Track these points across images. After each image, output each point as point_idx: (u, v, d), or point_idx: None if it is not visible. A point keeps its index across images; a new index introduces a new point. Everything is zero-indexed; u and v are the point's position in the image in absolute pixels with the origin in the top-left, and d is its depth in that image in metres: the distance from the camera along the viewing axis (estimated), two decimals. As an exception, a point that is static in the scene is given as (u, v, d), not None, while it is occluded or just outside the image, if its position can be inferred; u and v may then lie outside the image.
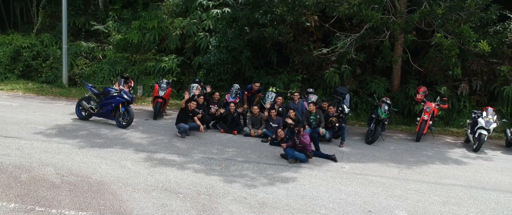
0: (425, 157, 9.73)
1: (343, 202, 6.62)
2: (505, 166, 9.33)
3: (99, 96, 10.80)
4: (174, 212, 5.92)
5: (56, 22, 19.72)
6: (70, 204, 6.02)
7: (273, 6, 14.01)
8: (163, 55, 16.66)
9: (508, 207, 6.83)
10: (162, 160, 8.20)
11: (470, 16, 12.78)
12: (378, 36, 13.58)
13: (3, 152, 7.99)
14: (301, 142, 8.44)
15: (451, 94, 14.82)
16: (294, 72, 15.78)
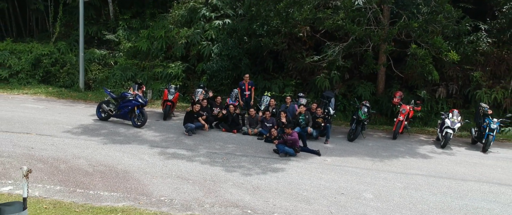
0: (397, 152, 11.22)
1: (321, 187, 8.11)
2: (464, 159, 10.81)
3: (116, 100, 12.31)
4: (185, 194, 7.42)
5: (70, 31, 21.23)
6: (103, 187, 7.53)
7: (269, 18, 15.48)
8: (170, 62, 18.15)
9: (455, 191, 8.31)
10: (173, 154, 9.71)
11: (444, 28, 14.28)
12: (363, 45, 15.07)
13: (42, 147, 9.51)
14: (290, 139, 9.94)
15: (430, 98, 16.30)
16: (289, 78, 17.25)
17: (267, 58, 17.17)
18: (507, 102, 15.83)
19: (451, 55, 13.69)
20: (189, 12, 19.11)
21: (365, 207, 7.24)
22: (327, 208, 7.11)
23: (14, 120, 11.83)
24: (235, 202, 7.17)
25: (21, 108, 13.68)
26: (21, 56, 18.59)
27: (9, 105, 13.98)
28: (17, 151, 9.16)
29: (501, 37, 16.00)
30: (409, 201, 7.63)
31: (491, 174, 9.66)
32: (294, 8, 13.43)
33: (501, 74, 16.32)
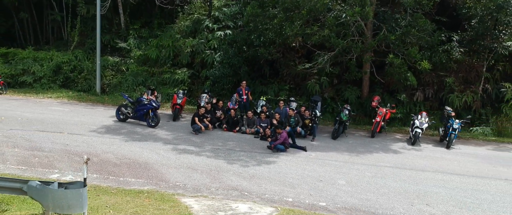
0: (372, 148, 13.06)
1: (305, 175, 9.95)
2: (428, 154, 12.65)
3: (134, 104, 14.16)
4: (195, 180, 9.26)
5: (85, 40, 23.08)
6: (130, 175, 9.37)
7: (264, 32, 17.29)
8: (177, 69, 19.99)
9: (413, 179, 10.13)
10: (183, 149, 11.56)
11: (419, 40, 16.12)
12: (348, 55, 16.89)
13: (75, 144, 11.36)
14: (281, 137, 11.78)
15: (409, 101, 18.13)
16: (283, 83, 19.08)
17: (264, 66, 19.00)
18: (476, 104, 17.67)
19: (424, 64, 15.50)
20: (194, 23, 20.98)
21: (338, 191, 9.08)
22: (307, 191, 8.95)
23: (47, 121, 13.68)
24: (235, 186, 9.01)
25: (49, 110, 15.54)
26: (43, 63, 20.44)
27: (39, 108, 15.83)
28: (56, 147, 11.01)
29: (472, 47, 17.81)
30: (374, 186, 9.47)
31: (447, 166, 11.50)
32: (286, 24, 15.25)
33: (472, 80, 18.13)
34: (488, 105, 17.84)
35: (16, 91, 18.92)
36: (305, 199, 8.56)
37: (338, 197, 8.73)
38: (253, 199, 8.36)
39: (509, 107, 17.06)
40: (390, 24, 16.81)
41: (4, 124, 12.99)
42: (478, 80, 17.93)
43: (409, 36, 15.84)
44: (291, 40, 17.39)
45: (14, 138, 11.52)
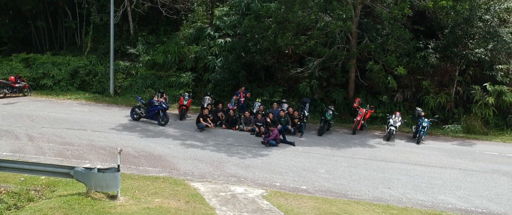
0: (352, 143, 14.99)
1: (291, 165, 11.88)
2: (399, 149, 14.58)
3: (146, 105, 16.08)
4: (201, 169, 11.18)
5: (97, 45, 24.97)
6: (147, 165, 11.29)
7: (260, 39, 19.16)
8: (181, 72, 21.88)
9: (382, 168, 12.06)
10: (190, 144, 13.48)
11: (397, 47, 18.02)
12: (335, 61, 18.78)
13: (98, 139, 13.29)
14: (273, 134, 13.71)
15: (390, 101, 20.05)
16: (277, 85, 20.99)
17: (260, 70, 20.90)
18: (449, 105, 19.61)
19: (399, 70, 17.40)
20: (197, 31, 22.88)
21: (317, 177, 11.01)
22: (293, 178, 10.88)
23: (71, 120, 15.61)
24: (233, 174, 10.93)
25: (71, 110, 17.46)
26: (61, 68, 22.34)
27: (62, 108, 17.74)
28: (83, 142, 12.94)
29: (445, 53, 19.70)
30: (347, 174, 11.41)
31: (413, 158, 13.43)
32: (279, 34, 17.15)
33: (445, 82, 20.07)
34: (460, 106, 19.76)
35: (39, 93, 20.80)
36: (290, 184, 10.49)
37: (317, 182, 10.66)
38: (248, 184, 10.28)
39: (478, 107, 18.94)
40: (371, 33, 18.72)
41: (36, 123, 14.91)
42: (451, 83, 19.86)
43: (388, 44, 17.77)
44: (283, 48, 19.30)
45: (47, 135, 13.44)
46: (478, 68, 19.83)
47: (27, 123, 14.76)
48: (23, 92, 19.79)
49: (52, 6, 25.66)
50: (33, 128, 14.13)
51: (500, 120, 19.03)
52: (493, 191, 10.75)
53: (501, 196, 10.44)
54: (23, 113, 16.29)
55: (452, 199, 10.05)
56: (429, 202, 9.80)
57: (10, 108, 16.99)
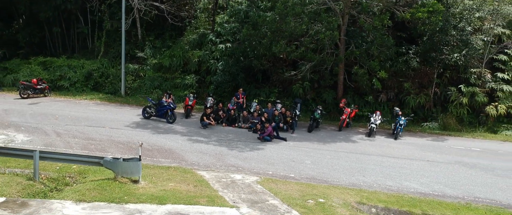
0: (337, 139, 16.87)
1: (282, 157, 13.76)
2: (378, 144, 16.46)
3: (156, 105, 17.94)
4: (205, 160, 13.05)
5: (108, 49, 26.81)
6: (160, 156, 13.17)
7: (258, 45, 20.99)
8: (186, 75, 23.72)
9: (360, 160, 13.93)
10: (196, 140, 15.36)
11: (380, 53, 19.86)
12: (324, 65, 20.61)
13: (116, 135, 15.16)
14: (267, 131, 15.60)
15: (375, 101, 21.91)
16: (273, 87, 22.85)
17: (257, 73, 22.76)
18: (428, 104, 21.47)
19: (381, 74, 19.25)
20: (200, 37, 24.73)
21: (304, 167, 12.90)
22: (283, 168, 12.76)
23: (90, 118, 17.49)
24: (233, 164, 12.82)
25: (89, 110, 19.33)
26: (76, 70, 24.20)
27: (81, 108, 19.61)
28: (103, 138, 14.82)
29: (425, 58, 21.53)
30: (330, 164, 13.30)
31: (389, 151, 15.32)
32: (273, 42, 19.00)
33: (425, 84, 21.92)
34: (438, 105, 21.63)
35: (57, 94, 22.64)
36: (280, 172, 12.38)
37: (303, 171, 12.55)
38: (245, 172, 12.17)
39: (453, 107, 20.80)
40: (357, 40, 20.56)
41: (60, 121, 16.79)
42: (430, 85, 21.70)
43: (372, 50, 19.61)
44: (278, 54, 21.15)
45: (71, 132, 15.33)
46: (454, 72, 21.68)
47: (52, 121, 16.63)
48: (44, 93, 21.65)
49: (66, 13, 27.44)
50: (58, 125, 16.02)
51: (474, 118, 20.89)
52: (451, 178, 12.65)
53: (457, 182, 12.33)
54: (47, 112, 18.17)
55: (415, 185, 11.94)
56: (395, 187, 11.70)
57: (35, 108, 18.85)
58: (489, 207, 10.59)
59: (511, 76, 20.98)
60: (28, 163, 11.56)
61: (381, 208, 10.13)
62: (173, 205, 9.19)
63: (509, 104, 20.21)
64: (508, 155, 15.66)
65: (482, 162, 14.55)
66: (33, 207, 8.77)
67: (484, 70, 21.25)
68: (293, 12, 18.19)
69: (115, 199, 9.29)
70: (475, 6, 20.32)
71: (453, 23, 19.70)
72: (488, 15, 20.68)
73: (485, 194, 11.50)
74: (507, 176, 13.11)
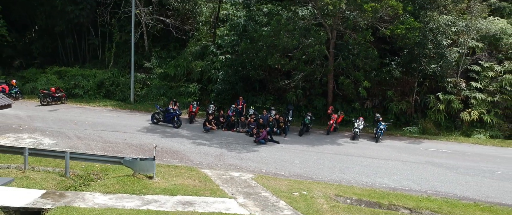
0: (324, 142, 18.80)
1: (275, 158, 15.69)
2: (360, 146, 18.39)
3: (163, 112, 19.88)
4: (208, 160, 14.97)
5: (118, 59, 28.77)
6: (169, 157, 15.10)
7: (255, 58, 22.96)
8: (189, 83, 25.66)
9: (342, 160, 15.86)
10: (199, 142, 17.30)
11: (365, 65, 21.81)
12: (315, 75, 22.55)
13: (130, 139, 17.08)
14: (262, 135, 17.54)
15: (361, 108, 23.87)
16: (269, 94, 24.78)
17: (255, 82, 24.71)
18: (409, 110, 23.42)
19: (365, 83, 21.19)
20: (202, 48, 26.73)
21: (293, 166, 14.83)
22: (275, 167, 14.69)
23: (105, 123, 19.42)
24: (232, 164, 14.75)
25: (103, 116, 21.27)
26: (89, 79, 26.15)
27: (96, 114, 21.54)
28: (119, 140, 16.76)
29: (406, 68, 23.49)
30: (316, 164, 15.23)
31: (369, 153, 17.25)
32: (268, 55, 20.98)
33: (407, 92, 23.88)
34: (418, 111, 23.58)
35: (72, 101, 24.56)
36: (272, 170, 14.32)
37: (292, 170, 14.49)
38: (242, 170, 14.10)
39: (432, 112, 22.74)
40: (344, 53, 22.53)
41: (79, 126, 18.72)
42: (411, 93, 23.64)
43: (357, 62, 21.58)
44: (272, 66, 23.12)
45: (90, 136, 17.26)
46: (433, 81, 23.63)
47: (72, 126, 18.57)
48: (61, 101, 23.57)
49: (78, 26, 29.44)
50: (78, 130, 17.96)
51: (450, 123, 22.82)
52: (419, 176, 14.58)
53: (424, 179, 14.27)
54: (66, 118, 20.11)
55: (387, 181, 13.89)
56: (369, 183, 13.65)
57: (55, 114, 20.78)
58: (446, 199, 12.53)
59: (483, 85, 22.89)
60: (57, 162, 13.51)
61: (355, 200, 12.08)
62: (183, 196, 11.13)
63: (481, 110, 22.14)
64: (474, 156, 17.60)
65: (449, 162, 16.49)
66: (69, 197, 10.70)
67: (459, 80, 23.19)
68: (286, 28, 20.17)
69: (135, 191, 11.23)
70: (450, 22, 22.41)
71: (430, 38, 21.69)
72: (463, 29, 22.67)
73: (445, 189, 13.44)
74: (468, 173, 15.05)
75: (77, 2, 28.12)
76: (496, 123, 21.91)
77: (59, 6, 27.74)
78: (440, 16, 22.77)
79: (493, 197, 12.96)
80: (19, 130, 17.44)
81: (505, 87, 22.32)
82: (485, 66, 23.37)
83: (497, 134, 21.64)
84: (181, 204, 10.53)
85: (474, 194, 13.10)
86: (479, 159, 17.12)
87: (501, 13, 27.20)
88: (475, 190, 13.49)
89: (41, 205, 10.13)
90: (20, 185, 11.39)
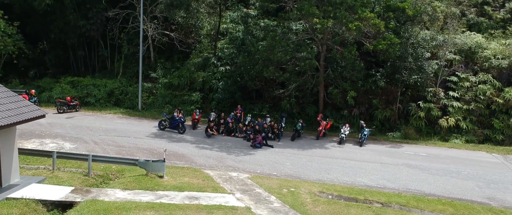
0: (313, 146, 20.74)
1: (269, 160, 17.65)
2: (346, 150, 20.34)
3: (169, 119, 21.85)
4: (210, 162, 16.93)
5: (126, 70, 30.79)
6: (175, 159, 17.05)
7: (251, 70, 24.97)
8: (192, 92, 27.62)
9: (328, 162, 17.81)
10: (202, 146, 19.26)
11: (351, 76, 23.82)
12: (306, 85, 24.55)
13: (140, 143, 19.04)
14: (258, 140, 19.53)
15: (349, 115, 25.84)
16: (265, 102, 26.75)
17: (252, 91, 26.72)
18: (393, 117, 25.40)
19: (351, 93, 23.17)
20: (204, 60, 28.75)
21: (284, 167, 16.79)
22: (268, 168, 16.65)
23: (117, 130, 21.38)
24: (231, 165, 16.70)
25: (115, 123, 23.24)
26: (100, 88, 28.14)
27: (108, 121, 23.49)
28: (131, 145, 18.72)
29: (390, 78, 25.48)
30: (304, 165, 17.18)
31: (352, 156, 19.20)
32: (264, 68, 23.00)
33: (391, 100, 25.84)
34: (401, 118, 25.55)
35: (85, 109, 26.50)
36: (266, 171, 16.27)
37: (283, 170, 16.45)
38: (239, 171, 16.05)
39: (413, 119, 24.71)
40: (333, 65, 24.55)
41: (94, 132, 20.68)
42: (395, 101, 25.61)
43: (344, 74, 23.60)
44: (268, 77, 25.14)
45: (105, 141, 19.22)
46: (414, 90, 25.60)
47: (88, 132, 20.53)
48: (76, 109, 25.50)
49: (89, 38, 31.51)
50: (93, 136, 19.92)
51: (430, 128, 24.78)
52: (394, 176, 16.55)
53: (398, 178, 16.23)
54: (82, 124, 22.08)
55: (365, 180, 15.84)
56: (350, 182, 15.61)
57: (72, 121, 22.74)
58: (414, 195, 14.49)
59: (460, 94, 24.89)
60: (78, 164, 15.47)
61: (335, 195, 14.04)
62: (189, 192, 13.09)
63: (458, 117, 24.12)
64: (446, 158, 19.56)
65: (423, 163, 18.45)
66: (94, 193, 12.66)
67: (438, 89, 25.19)
68: (280, 44, 22.21)
69: (149, 188, 13.19)
70: (429, 37, 24.49)
71: (410, 52, 23.73)
72: (441, 43, 24.72)
73: (415, 187, 15.40)
74: (437, 174, 17.02)
75: (88, 18, 30.21)
76: (471, 129, 23.87)
77: (72, 21, 29.83)
78: (420, 32, 24.85)
79: (455, 193, 14.93)
80: (42, 135, 19.40)
81: (479, 96, 24.30)
82: (462, 77, 25.37)
83: (472, 139, 23.60)
84: (188, 198, 12.49)
85: (439, 191, 15.06)
86: (450, 161, 19.08)
87: (478, 27, 29.35)
88: (441, 187, 15.45)
89: (72, 199, 12.09)
90: (51, 182, 13.35)
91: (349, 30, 21.33)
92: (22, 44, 29.55)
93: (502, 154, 21.16)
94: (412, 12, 22.59)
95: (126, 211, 11.06)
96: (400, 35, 23.52)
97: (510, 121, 23.49)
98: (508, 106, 23.80)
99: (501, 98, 23.87)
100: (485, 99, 24.15)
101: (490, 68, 25.33)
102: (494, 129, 23.64)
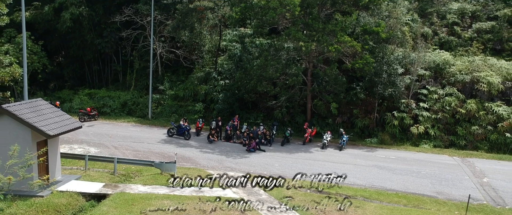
0: (300, 150, 23.88)
1: (261, 162, 20.79)
2: (327, 153, 23.46)
3: (176, 127, 25.01)
4: (211, 164, 20.08)
5: (137, 83, 34.02)
6: (183, 161, 20.20)
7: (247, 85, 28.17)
8: (196, 103, 30.83)
9: (310, 164, 20.92)
10: (205, 151, 22.40)
11: (334, 90, 27.03)
12: (295, 97, 27.75)
13: (154, 148, 22.19)
14: (252, 145, 22.70)
15: (333, 123, 29.01)
16: (260, 112, 29.96)
17: (248, 102, 29.91)
18: (371, 125, 28.57)
19: (333, 105, 26.38)
20: (206, 74, 32.01)
21: (273, 168, 19.93)
22: (260, 168, 19.80)
23: (132, 136, 24.54)
24: (229, 167, 19.84)
25: (129, 130, 26.40)
26: (115, 100, 31.34)
27: (123, 129, 26.65)
28: (145, 149, 21.87)
29: (369, 91, 28.69)
30: (290, 167, 20.32)
31: (332, 158, 22.34)
32: (258, 83, 26.24)
33: (369, 110, 29.02)
34: (378, 126, 28.72)
35: (102, 118, 29.67)
36: (258, 171, 19.39)
37: (272, 170, 19.57)
38: (236, 171, 19.19)
39: (389, 127, 27.87)
40: (318, 80, 27.79)
41: (113, 138, 23.83)
42: (373, 111, 28.80)
43: (327, 88, 26.83)
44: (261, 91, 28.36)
45: (123, 146, 22.37)
46: (390, 101, 28.78)
47: (108, 139, 23.69)
48: (94, 118, 28.70)
49: (103, 54, 34.79)
50: (113, 142, 23.08)
51: (403, 135, 27.92)
52: (363, 175, 19.67)
53: (367, 177, 19.35)
54: (102, 132, 25.24)
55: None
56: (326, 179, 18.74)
57: (93, 129, 25.91)
58: (377, 190, 17.63)
59: (429, 105, 28.08)
60: (104, 165, 18.61)
61: (312, 190, 17.17)
62: (195, 187, 16.22)
63: (427, 125, 27.30)
64: (412, 161, 22.70)
65: (391, 165, 21.59)
66: (121, 187, 15.81)
67: (410, 101, 28.38)
68: (271, 64, 25.46)
69: (164, 184, 16.33)
70: (402, 55, 27.75)
71: (384, 69, 26.96)
72: (413, 61, 27.96)
73: (379, 184, 18.53)
74: (400, 173, 20.15)
75: (103, 36, 33.52)
76: (438, 135, 27.03)
77: (89, 40, 33.12)
78: (395, 50, 28.11)
79: (411, 189, 18.06)
80: (70, 141, 22.57)
81: (446, 107, 27.50)
82: (431, 90, 28.58)
83: (439, 144, 26.77)
84: (195, 191, 15.64)
85: (398, 187, 18.19)
86: (414, 163, 22.22)
87: (449, 45, 32.65)
88: (401, 184, 18.59)
89: (105, 191, 15.23)
90: (86, 179, 16.50)
91: (330, 52, 24.58)
92: (46, 60, 32.78)
93: (461, 157, 24.29)
94: (385, 35, 25.82)
95: (148, 200, 14.21)
96: (375, 55, 26.77)
97: (472, 128, 26.67)
98: (470, 116, 27.00)
99: (464, 109, 27.06)
100: (451, 110, 27.33)
101: (456, 82, 28.53)
102: (458, 135, 26.81)
